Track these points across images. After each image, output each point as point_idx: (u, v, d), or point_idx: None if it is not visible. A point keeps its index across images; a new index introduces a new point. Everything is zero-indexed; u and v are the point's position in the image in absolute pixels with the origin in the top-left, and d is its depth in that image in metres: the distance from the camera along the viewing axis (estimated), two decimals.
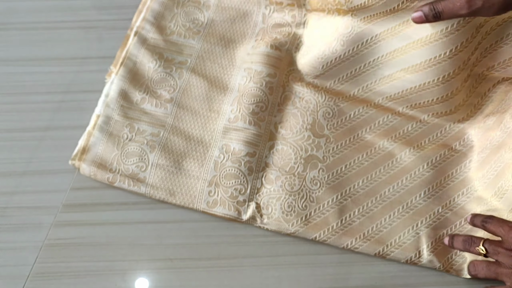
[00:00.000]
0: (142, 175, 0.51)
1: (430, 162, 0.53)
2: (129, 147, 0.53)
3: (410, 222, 0.50)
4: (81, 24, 0.62)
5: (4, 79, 0.58)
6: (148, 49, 0.57)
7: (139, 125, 0.54)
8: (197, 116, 0.54)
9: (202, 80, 0.56)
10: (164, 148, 0.53)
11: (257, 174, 0.52)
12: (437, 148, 0.53)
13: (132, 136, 0.53)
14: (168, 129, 0.54)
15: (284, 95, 0.55)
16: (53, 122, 0.56)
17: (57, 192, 0.53)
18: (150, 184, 0.51)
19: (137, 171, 0.52)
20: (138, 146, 0.53)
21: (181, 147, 0.53)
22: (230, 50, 0.58)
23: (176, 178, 0.52)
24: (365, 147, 0.53)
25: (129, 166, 0.52)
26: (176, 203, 0.51)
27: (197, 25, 0.59)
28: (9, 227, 0.51)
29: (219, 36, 0.59)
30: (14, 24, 0.62)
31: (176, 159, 0.52)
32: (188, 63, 0.57)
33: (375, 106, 0.55)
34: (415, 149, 0.53)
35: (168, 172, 0.52)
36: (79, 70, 0.59)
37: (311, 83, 0.56)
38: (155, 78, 0.56)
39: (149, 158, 0.52)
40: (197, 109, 0.55)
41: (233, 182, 0.51)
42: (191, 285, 0.49)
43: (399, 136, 0.54)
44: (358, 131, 0.54)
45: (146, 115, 0.54)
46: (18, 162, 0.54)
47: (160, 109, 0.54)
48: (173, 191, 0.51)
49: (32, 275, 0.49)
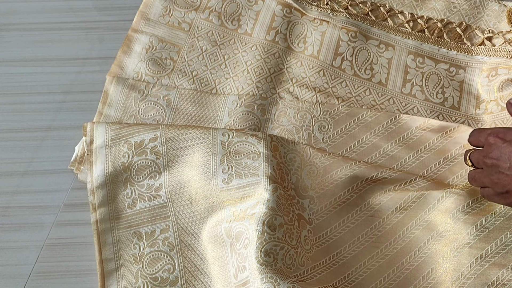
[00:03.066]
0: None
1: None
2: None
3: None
4: (82, 25, 0.62)
5: (6, 80, 0.59)
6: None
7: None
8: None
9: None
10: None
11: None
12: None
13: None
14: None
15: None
16: (54, 122, 0.56)
17: (58, 191, 0.53)
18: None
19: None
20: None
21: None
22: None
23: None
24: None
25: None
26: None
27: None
28: (11, 226, 0.52)
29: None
30: (16, 25, 0.62)
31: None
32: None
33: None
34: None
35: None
36: (80, 70, 0.59)
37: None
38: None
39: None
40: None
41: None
42: None
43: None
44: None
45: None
46: (20, 162, 0.55)
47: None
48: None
49: (33, 274, 0.49)
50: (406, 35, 0.59)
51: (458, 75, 0.57)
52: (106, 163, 0.51)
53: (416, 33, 0.59)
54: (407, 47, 0.59)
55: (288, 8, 0.61)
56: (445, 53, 0.58)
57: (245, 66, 0.58)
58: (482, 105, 0.56)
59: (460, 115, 0.56)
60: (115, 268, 0.49)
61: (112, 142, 0.51)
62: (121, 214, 0.50)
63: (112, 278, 0.48)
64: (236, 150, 0.50)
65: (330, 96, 0.56)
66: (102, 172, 0.51)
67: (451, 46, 0.58)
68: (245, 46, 0.59)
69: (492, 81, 0.56)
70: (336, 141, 0.54)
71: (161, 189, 0.51)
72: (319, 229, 0.49)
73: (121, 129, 0.52)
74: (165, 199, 0.50)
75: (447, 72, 0.58)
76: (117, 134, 0.52)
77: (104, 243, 0.49)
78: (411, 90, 0.57)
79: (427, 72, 0.58)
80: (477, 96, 0.56)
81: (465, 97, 0.56)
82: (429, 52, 0.58)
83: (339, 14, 0.59)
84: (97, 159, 0.51)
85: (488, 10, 0.60)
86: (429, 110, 0.56)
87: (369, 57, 0.58)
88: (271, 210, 0.45)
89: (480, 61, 0.57)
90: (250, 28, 0.60)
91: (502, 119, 0.54)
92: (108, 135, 0.52)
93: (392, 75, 0.58)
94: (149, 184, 0.51)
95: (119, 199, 0.51)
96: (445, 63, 0.58)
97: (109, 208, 0.50)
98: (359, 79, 0.58)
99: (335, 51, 0.58)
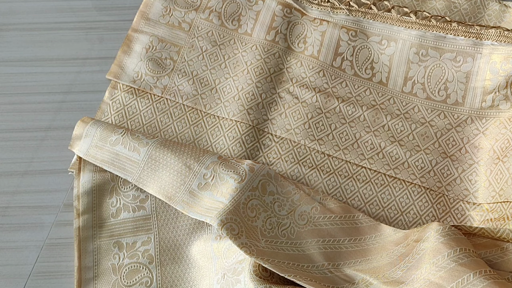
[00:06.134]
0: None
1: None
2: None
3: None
4: (82, 25, 0.62)
5: (5, 80, 0.59)
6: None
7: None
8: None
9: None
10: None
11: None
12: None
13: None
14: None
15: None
16: (54, 122, 0.56)
17: (58, 191, 0.53)
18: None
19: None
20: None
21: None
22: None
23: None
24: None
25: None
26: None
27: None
28: (11, 226, 0.52)
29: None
30: (15, 25, 0.62)
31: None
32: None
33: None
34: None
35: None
36: (80, 70, 0.59)
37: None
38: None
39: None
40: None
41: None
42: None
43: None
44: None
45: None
46: (20, 162, 0.55)
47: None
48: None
49: (33, 274, 0.49)
50: (410, 24, 0.57)
51: (465, 64, 0.55)
52: (95, 171, 0.51)
53: (421, 21, 0.57)
54: (411, 38, 0.57)
55: (288, 8, 0.61)
56: (451, 39, 0.56)
57: (245, 66, 0.58)
58: (488, 98, 0.54)
59: (464, 111, 0.55)
60: (93, 277, 0.49)
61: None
62: (105, 222, 0.50)
63: (89, 287, 0.48)
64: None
65: (330, 96, 0.56)
66: (90, 178, 0.51)
67: (458, 31, 0.56)
68: (245, 46, 0.59)
69: (503, 73, 0.54)
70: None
71: (146, 201, 0.51)
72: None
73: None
74: (150, 211, 0.51)
75: (453, 63, 0.56)
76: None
77: (84, 250, 0.49)
78: (412, 89, 0.57)
79: (431, 66, 0.56)
80: (484, 87, 0.54)
81: (471, 89, 0.55)
82: (434, 41, 0.56)
83: (339, 11, 0.59)
84: (85, 166, 0.52)
85: (488, 10, 0.60)
86: (430, 109, 0.56)
87: (370, 56, 0.58)
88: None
89: (490, 46, 0.55)
90: (250, 28, 0.60)
91: (509, 117, 0.52)
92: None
93: (393, 73, 0.57)
94: (135, 195, 0.51)
95: (103, 207, 0.51)
96: (451, 52, 0.56)
97: (93, 215, 0.50)
98: (359, 79, 0.57)
99: (335, 51, 0.58)
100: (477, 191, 0.52)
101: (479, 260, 0.40)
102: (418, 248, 0.43)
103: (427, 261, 0.41)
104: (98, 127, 0.52)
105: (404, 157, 0.54)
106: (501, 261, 0.43)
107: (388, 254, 0.46)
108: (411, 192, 0.53)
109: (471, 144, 0.54)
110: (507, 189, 0.49)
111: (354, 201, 0.52)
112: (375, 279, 0.43)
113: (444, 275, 0.39)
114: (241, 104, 0.56)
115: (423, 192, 0.52)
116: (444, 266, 0.39)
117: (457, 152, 0.54)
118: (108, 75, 0.57)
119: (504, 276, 0.41)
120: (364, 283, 0.43)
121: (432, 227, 0.43)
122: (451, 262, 0.39)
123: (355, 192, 0.53)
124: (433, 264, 0.40)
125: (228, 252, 0.46)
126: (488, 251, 0.43)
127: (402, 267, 0.43)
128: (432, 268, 0.40)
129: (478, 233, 0.44)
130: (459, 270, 0.39)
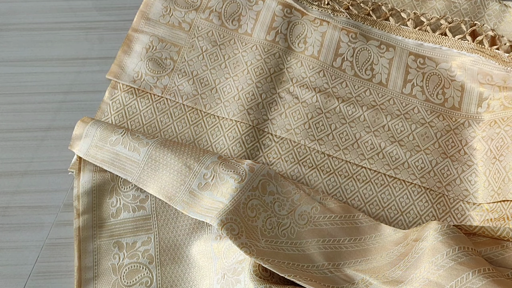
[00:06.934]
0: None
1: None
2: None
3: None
4: (82, 25, 0.62)
5: (6, 80, 0.59)
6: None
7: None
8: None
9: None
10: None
11: None
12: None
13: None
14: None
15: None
16: (54, 122, 0.56)
17: (58, 191, 0.53)
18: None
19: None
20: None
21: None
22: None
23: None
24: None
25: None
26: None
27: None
28: (11, 226, 0.52)
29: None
30: (15, 25, 0.62)
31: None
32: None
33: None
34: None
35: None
36: (80, 70, 0.59)
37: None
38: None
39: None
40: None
41: None
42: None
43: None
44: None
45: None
46: (20, 162, 0.55)
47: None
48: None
49: (33, 274, 0.49)
50: (407, 33, 0.59)
51: (459, 73, 0.57)
52: (95, 171, 0.51)
53: (417, 31, 0.58)
54: (408, 47, 0.58)
55: (289, 8, 0.61)
56: (447, 50, 0.58)
57: (245, 66, 0.58)
58: (484, 103, 0.56)
59: (461, 115, 0.56)
60: (93, 277, 0.49)
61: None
62: (105, 222, 0.50)
63: (89, 287, 0.48)
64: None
65: (330, 96, 0.56)
66: (90, 178, 0.51)
67: (453, 44, 0.57)
68: (245, 46, 0.59)
69: (495, 79, 0.55)
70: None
71: (146, 201, 0.51)
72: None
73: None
74: (150, 211, 0.51)
75: (448, 72, 0.57)
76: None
77: (84, 250, 0.49)
78: (411, 91, 0.57)
79: (428, 73, 0.57)
80: (480, 94, 0.56)
81: (467, 96, 0.56)
82: (430, 52, 0.58)
83: (339, 14, 0.59)
84: (85, 166, 0.51)
85: (488, 10, 0.60)
86: (429, 111, 0.56)
87: (370, 58, 0.58)
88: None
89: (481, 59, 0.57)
90: (251, 28, 0.60)
91: (503, 117, 0.54)
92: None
93: (392, 75, 0.58)
94: (135, 195, 0.51)
95: (103, 207, 0.51)
96: (446, 62, 0.58)
97: (92, 215, 0.50)
98: (360, 79, 0.57)
99: (335, 51, 0.58)
100: (477, 191, 0.52)
101: (478, 258, 0.40)
102: (417, 247, 0.43)
103: (426, 260, 0.41)
104: (98, 127, 0.52)
105: (404, 157, 0.54)
106: (501, 258, 0.43)
107: (388, 254, 0.46)
108: (411, 192, 0.53)
109: (469, 146, 0.54)
110: (504, 188, 0.50)
111: (354, 201, 0.52)
112: (375, 279, 0.43)
113: (443, 274, 0.39)
114: (241, 104, 0.56)
115: (423, 192, 0.52)
116: (443, 265, 0.39)
117: (457, 153, 0.54)
118: (108, 75, 0.57)
119: (504, 272, 0.41)
120: (364, 283, 0.43)
121: (431, 226, 0.43)
122: (450, 261, 0.39)
123: (355, 192, 0.53)
124: (432, 263, 0.40)
125: (228, 252, 0.46)
126: (488, 249, 0.43)
127: (402, 266, 0.43)
128: (431, 267, 0.40)
129: (478, 232, 0.44)
130: (458, 269, 0.39)
